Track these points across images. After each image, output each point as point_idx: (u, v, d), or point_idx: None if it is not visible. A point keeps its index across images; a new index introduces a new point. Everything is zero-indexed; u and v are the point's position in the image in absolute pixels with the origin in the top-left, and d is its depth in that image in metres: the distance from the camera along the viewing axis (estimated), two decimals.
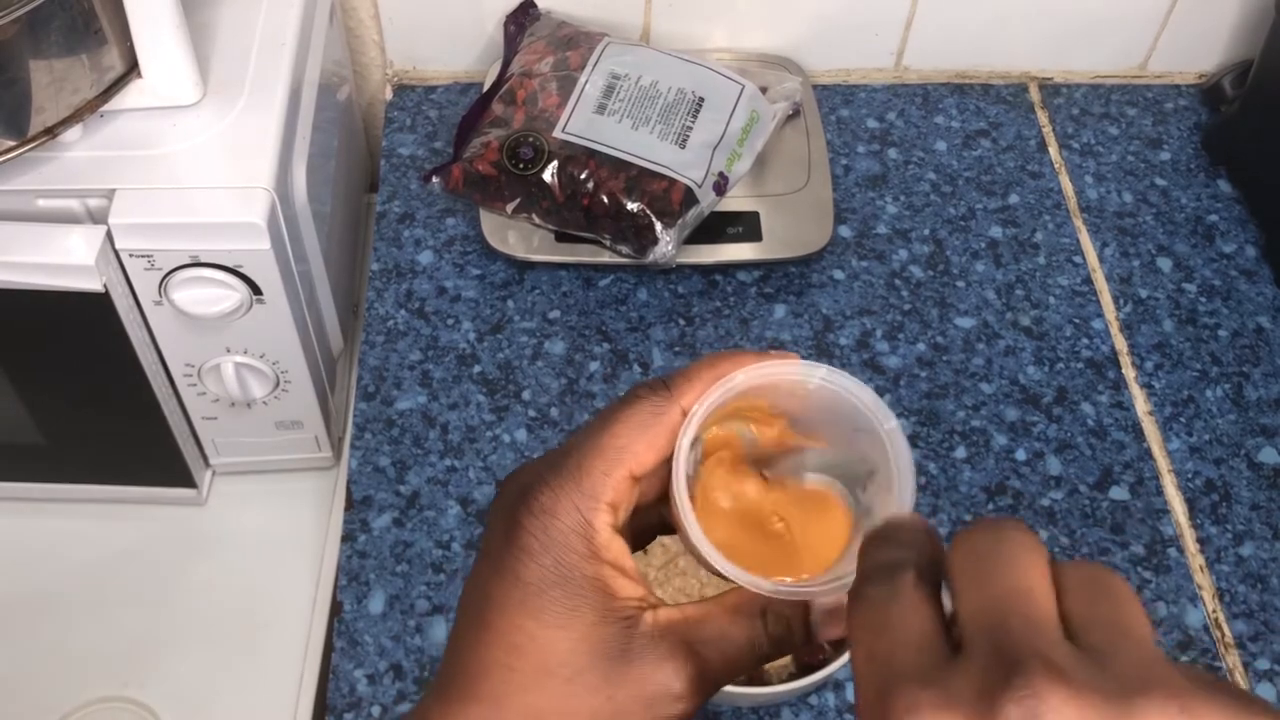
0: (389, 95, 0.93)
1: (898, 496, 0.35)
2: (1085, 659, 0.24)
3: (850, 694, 0.66)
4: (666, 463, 0.36)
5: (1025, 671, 0.23)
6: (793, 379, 0.36)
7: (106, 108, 0.63)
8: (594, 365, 0.78)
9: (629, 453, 0.36)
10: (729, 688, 0.60)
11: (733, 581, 0.35)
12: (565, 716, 0.34)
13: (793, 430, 0.39)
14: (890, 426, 0.35)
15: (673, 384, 0.36)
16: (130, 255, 0.63)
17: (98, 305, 0.63)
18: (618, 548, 0.36)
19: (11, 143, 0.60)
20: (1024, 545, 0.28)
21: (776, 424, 0.39)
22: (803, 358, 0.37)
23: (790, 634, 0.36)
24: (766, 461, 0.39)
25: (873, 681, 0.26)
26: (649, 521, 0.39)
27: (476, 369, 0.78)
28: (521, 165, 0.78)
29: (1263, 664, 0.69)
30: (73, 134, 0.63)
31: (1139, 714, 0.22)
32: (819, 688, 0.66)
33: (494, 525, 0.36)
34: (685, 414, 0.36)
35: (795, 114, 0.87)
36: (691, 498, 0.36)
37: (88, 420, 0.74)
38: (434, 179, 0.81)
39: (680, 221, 0.78)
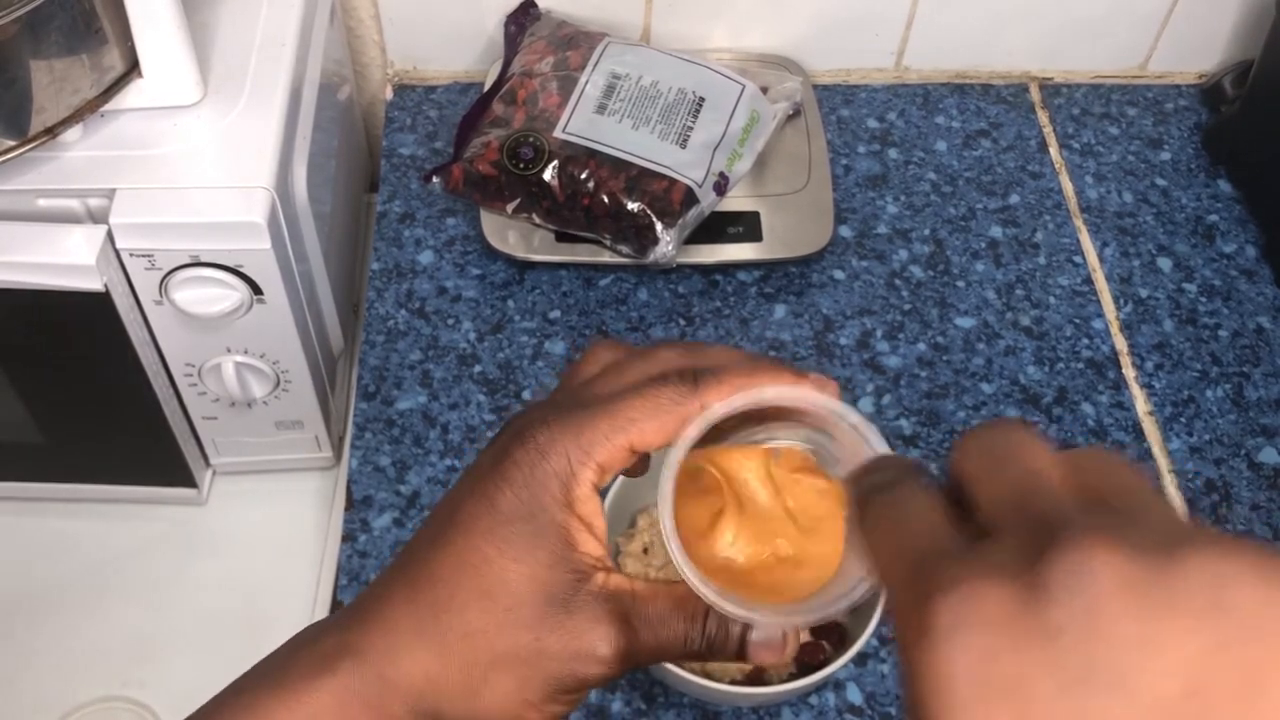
0: (389, 95, 0.93)
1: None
2: (1120, 517, 0.24)
3: (850, 694, 0.66)
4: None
5: (1068, 528, 0.22)
6: (826, 414, 0.36)
7: (107, 107, 0.63)
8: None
9: (636, 428, 0.36)
10: (729, 687, 0.60)
11: (686, 575, 0.35)
12: (492, 642, 0.35)
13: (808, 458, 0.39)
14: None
15: (702, 381, 0.36)
16: (131, 255, 0.63)
17: (98, 305, 0.63)
18: (593, 506, 0.36)
19: (12, 142, 0.60)
20: (1029, 434, 0.28)
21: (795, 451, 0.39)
22: (819, 369, 0.36)
23: (727, 643, 0.36)
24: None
25: (902, 566, 0.26)
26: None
27: (477, 369, 0.78)
28: (522, 165, 0.78)
29: None
30: (73, 134, 0.63)
31: (1185, 561, 0.22)
32: (819, 688, 0.66)
33: (486, 452, 0.37)
34: (702, 411, 0.36)
35: (796, 114, 0.87)
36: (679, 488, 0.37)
37: (88, 420, 0.74)
38: (434, 179, 0.81)
39: (680, 221, 0.78)
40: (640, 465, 0.39)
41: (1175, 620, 0.21)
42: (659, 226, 0.77)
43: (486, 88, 0.87)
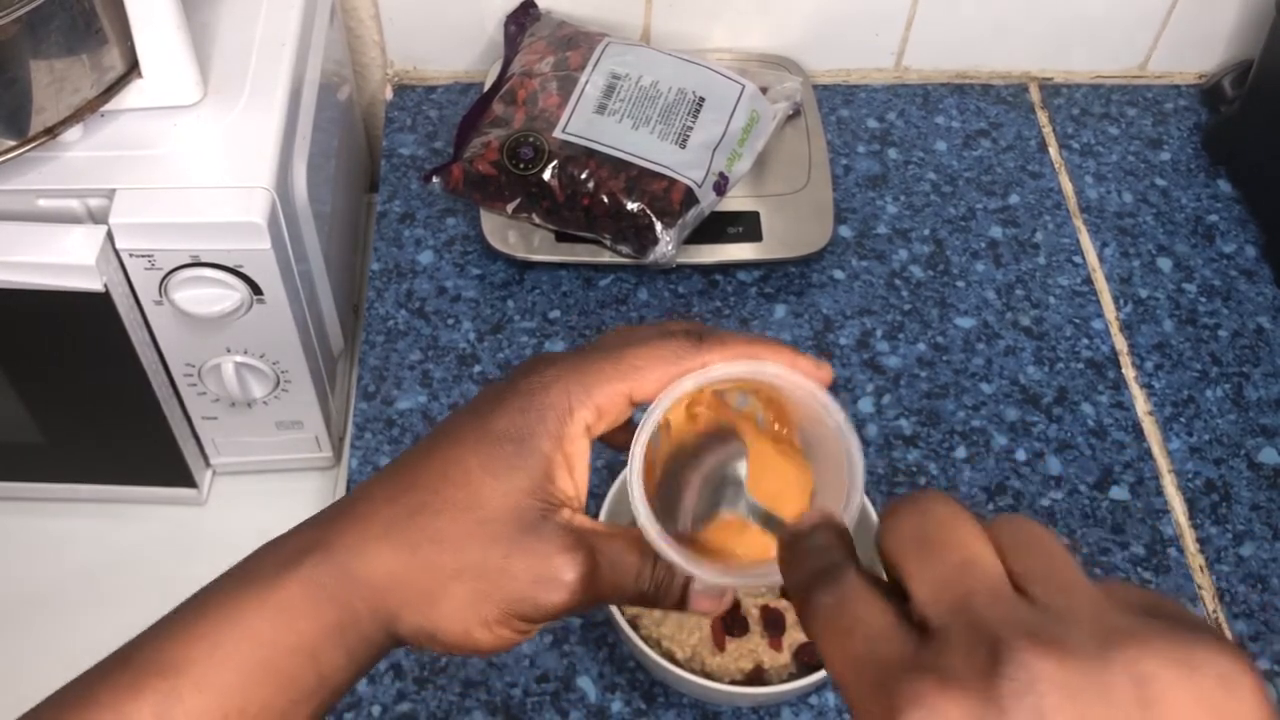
0: (389, 95, 0.93)
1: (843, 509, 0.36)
2: (1051, 618, 0.26)
3: None
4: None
5: (1010, 647, 0.25)
6: (815, 406, 0.37)
7: (107, 107, 0.63)
8: None
9: (638, 376, 0.37)
10: (729, 687, 0.60)
11: (641, 517, 0.37)
12: (459, 550, 0.36)
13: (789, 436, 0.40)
14: (855, 502, 0.36)
15: (706, 338, 0.38)
16: (131, 255, 0.63)
17: (98, 305, 0.63)
18: (580, 447, 0.38)
19: (12, 142, 0.60)
20: (953, 515, 0.29)
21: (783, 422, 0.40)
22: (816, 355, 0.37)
23: (670, 590, 0.38)
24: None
25: (861, 679, 0.27)
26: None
27: (477, 369, 0.78)
28: (522, 165, 0.78)
29: (1263, 664, 0.69)
30: (73, 134, 0.63)
31: (1112, 663, 0.24)
32: (819, 688, 0.66)
33: (493, 383, 0.39)
34: (702, 369, 0.38)
35: (795, 114, 0.87)
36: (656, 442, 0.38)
37: (88, 420, 0.74)
38: (434, 179, 0.81)
39: (680, 221, 0.78)
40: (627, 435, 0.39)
41: (1110, 712, 0.24)
42: (659, 226, 0.77)
43: (486, 88, 0.87)
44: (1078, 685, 0.24)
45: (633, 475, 0.37)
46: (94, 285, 0.62)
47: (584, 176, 0.78)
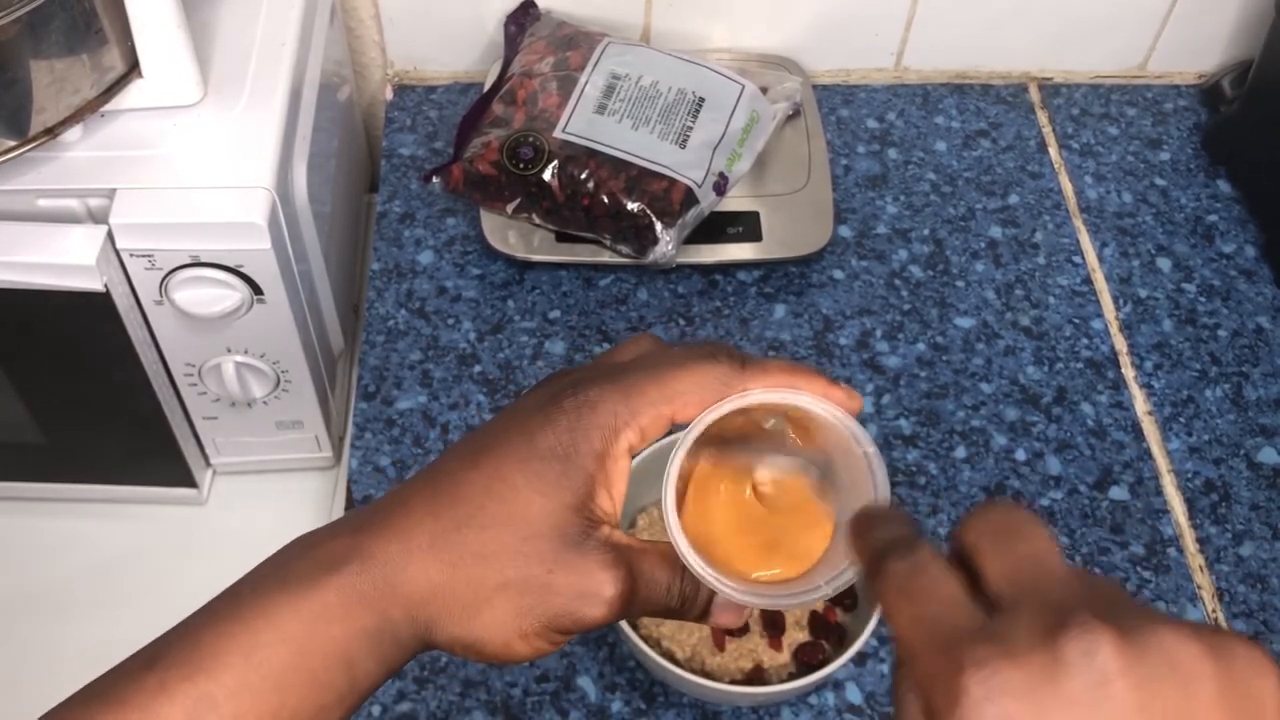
0: (389, 95, 0.93)
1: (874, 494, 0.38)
2: (1103, 603, 0.29)
3: (850, 694, 0.66)
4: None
5: (1079, 615, 0.28)
6: (845, 435, 0.39)
7: (107, 107, 0.63)
8: None
9: (681, 400, 0.38)
10: (729, 687, 0.60)
11: (673, 535, 0.39)
12: (504, 566, 0.37)
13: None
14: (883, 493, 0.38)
15: (749, 365, 0.39)
16: (131, 255, 0.63)
17: (98, 305, 0.63)
18: (622, 466, 0.38)
19: (12, 143, 0.60)
20: (1030, 518, 0.32)
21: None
22: (819, 368, 0.38)
23: (695, 602, 0.40)
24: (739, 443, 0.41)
25: (927, 640, 0.30)
26: None
27: (477, 369, 0.78)
28: (522, 165, 0.78)
29: None
30: (73, 134, 0.63)
31: (1158, 638, 0.28)
32: (819, 688, 0.66)
33: (531, 396, 0.40)
34: (743, 392, 0.39)
35: (795, 114, 0.87)
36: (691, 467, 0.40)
37: (88, 420, 0.74)
38: (434, 179, 0.81)
39: (680, 221, 0.78)
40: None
41: (1159, 686, 0.27)
42: (659, 226, 0.77)
43: (486, 88, 0.87)
44: (1134, 656, 0.27)
45: (667, 497, 0.38)
46: (94, 285, 0.62)
47: (584, 176, 0.78)
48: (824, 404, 0.39)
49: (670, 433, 0.40)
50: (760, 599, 0.39)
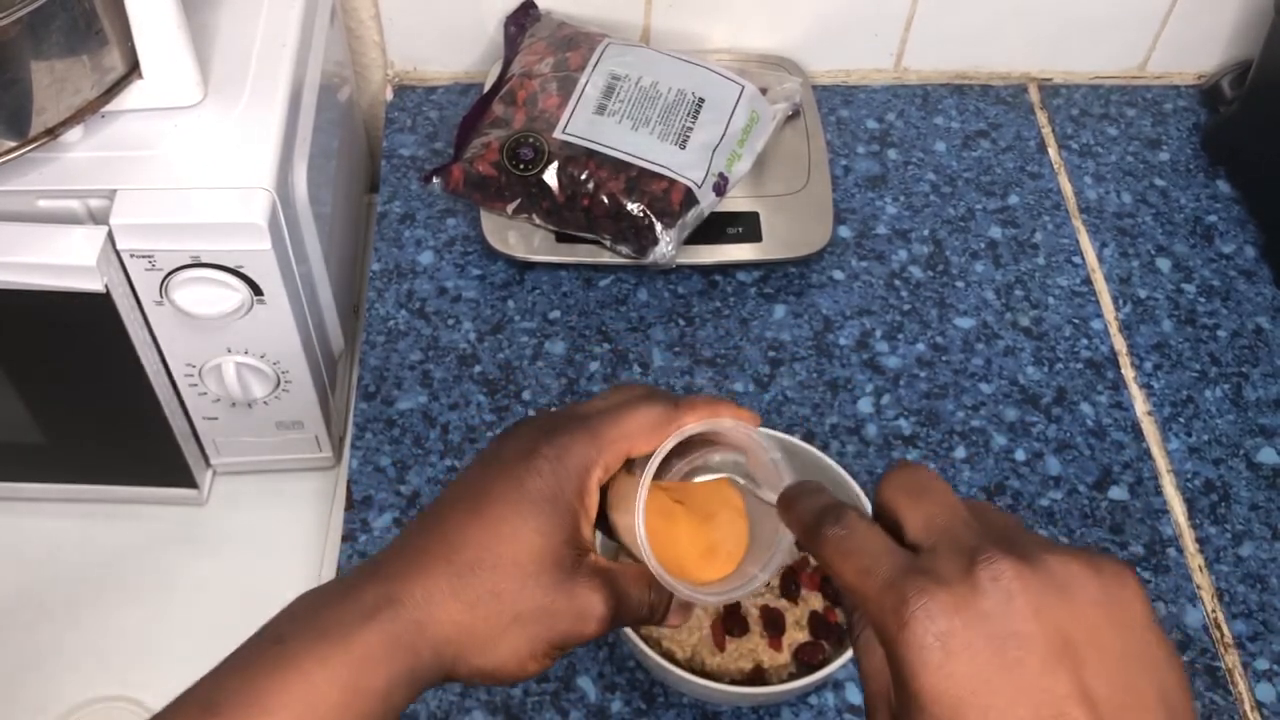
0: (390, 96, 0.93)
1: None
2: (1002, 537, 0.37)
3: (850, 694, 0.66)
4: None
5: (985, 550, 0.36)
6: (755, 444, 0.46)
7: (108, 108, 0.63)
8: (594, 365, 0.78)
9: (634, 439, 0.45)
10: (729, 687, 0.60)
11: (647, 558, 0.45)
12: (515, 601, 0.43)
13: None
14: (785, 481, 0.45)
15: (680, 404, 0.46)
16: (131, 255, 0.63)
17: (99, 305, 0.63)
18: (595, 499, 0.45)
19: (12, 143, 0.60)
20: (933, 475, 0.39)
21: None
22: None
23: (661, 609, 0.47)
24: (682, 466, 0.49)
25: (872, 583, 0.36)
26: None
27: (477, 369, 0.78)
28: (522, 166, 0.78)
29: (1262, 664, 0.69)
30: (74, 134, 0.63)
31: (1048, 562, 0.36)
32: (819, 687, 0.66)
33: (508, 447, 0.45)
34: (680, 427, 0.45)
35: (795, 115, 0.87)
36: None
37: (89, 420, 0.74)
38: (434, 179, 0.81)
39: (680, 222, 0.78)
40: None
41: (1049, 598, 0.35)
42: (659, 227, 0.77)
43: (486, 88, 0.87)
44: (1029, 577, 0.35)
45: (640, 525, 0.44)
46: (95, 286, 0.62)
47: (584, 177, 0.78)
48: (738, 424, 0.46)
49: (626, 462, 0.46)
50: (716, 597, 0.46)
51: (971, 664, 0.34)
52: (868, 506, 0.62)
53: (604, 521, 0.47)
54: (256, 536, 0.80)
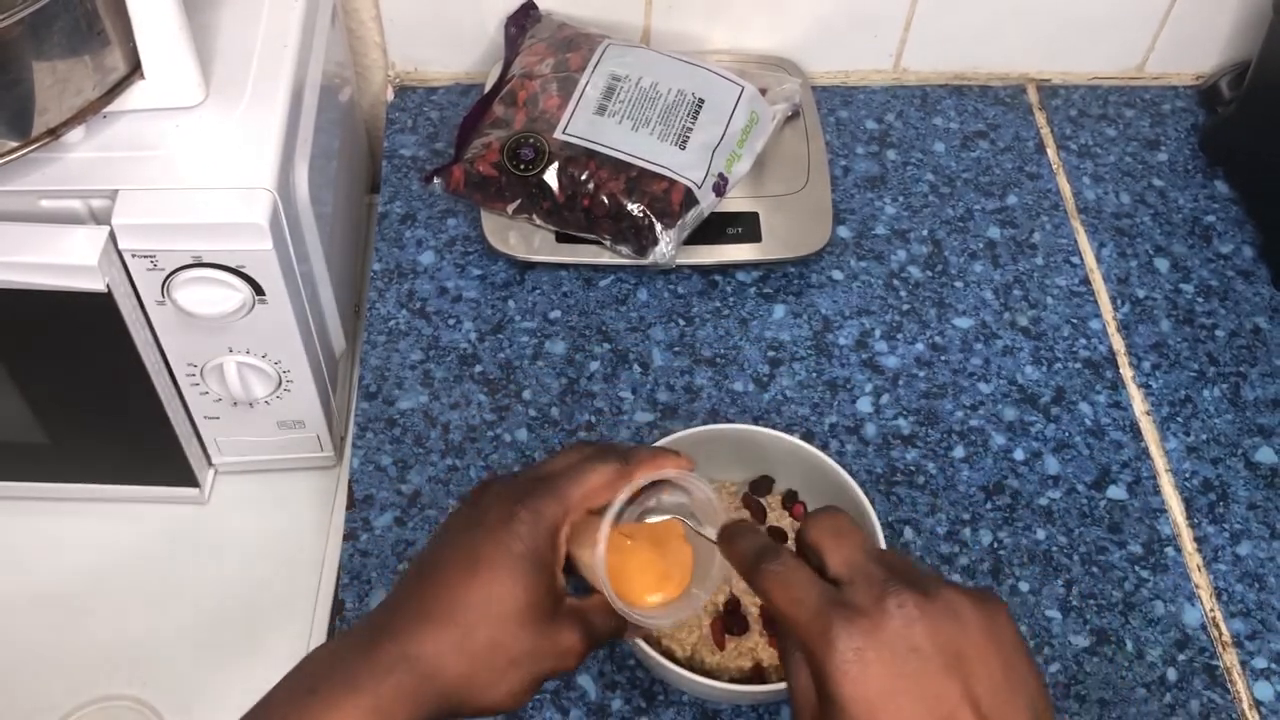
0: (390, 96, 0.93)
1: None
2: (905, 575, 0.45)
3: None
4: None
5: (892, 585, 0.44)
6: (696, 490, 0.55)
7: (109, 108, 0.64)
8: (594, 365, 0.79)
9: (593, 496, 0.53)
10: (729, 686, 0.60)
11: (608, 593, 0.53)
12: (509, 649, 0.50)
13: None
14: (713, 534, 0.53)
15: (630, 459, 0.54)
16: (133, 255, 0.63)
17: (101, 305, 0.63)
18: (563, 551, 0.53)
19: (14, 143, 0.60)
20: (849, 520, 0.48)
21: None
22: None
23: (623, 627, 0.55)
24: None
25: (803, 611, 0.44)
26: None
27: (478, 369, 0.78)
28: (522, 166, 0.79)
29: (1260, 663, 0.69)
30: (75, 135, 0.63)
31: (941, 596, 0.44)
32: None
33: (490, 508, 0.52)
34: (630, 480, 0.53)
35: (794, 115, 0.87)
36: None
37: (91, 420, 0.74)
38: (435, 180, 0.82)
39: (680, 222, 0.78)
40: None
41: (943, 622, 0.43)
42: (658, 227, 0.77)
43: (487, 89, 0.87)
44: (925, 607, 0.43)
45: (599, 569, 0.51)
46: (96, 286, 0.62)
47: (584, 177, 0.78)
48: (680, 473, 0.54)
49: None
50: (664, 620, 0.55)
51: (882, 674, 0.42)
52: (868, 506, 0.63)
53: (567, 560, 0.54)
54: (258, 536, 0.80)
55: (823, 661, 0.43)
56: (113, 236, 0.62)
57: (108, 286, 0.62)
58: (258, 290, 0.65)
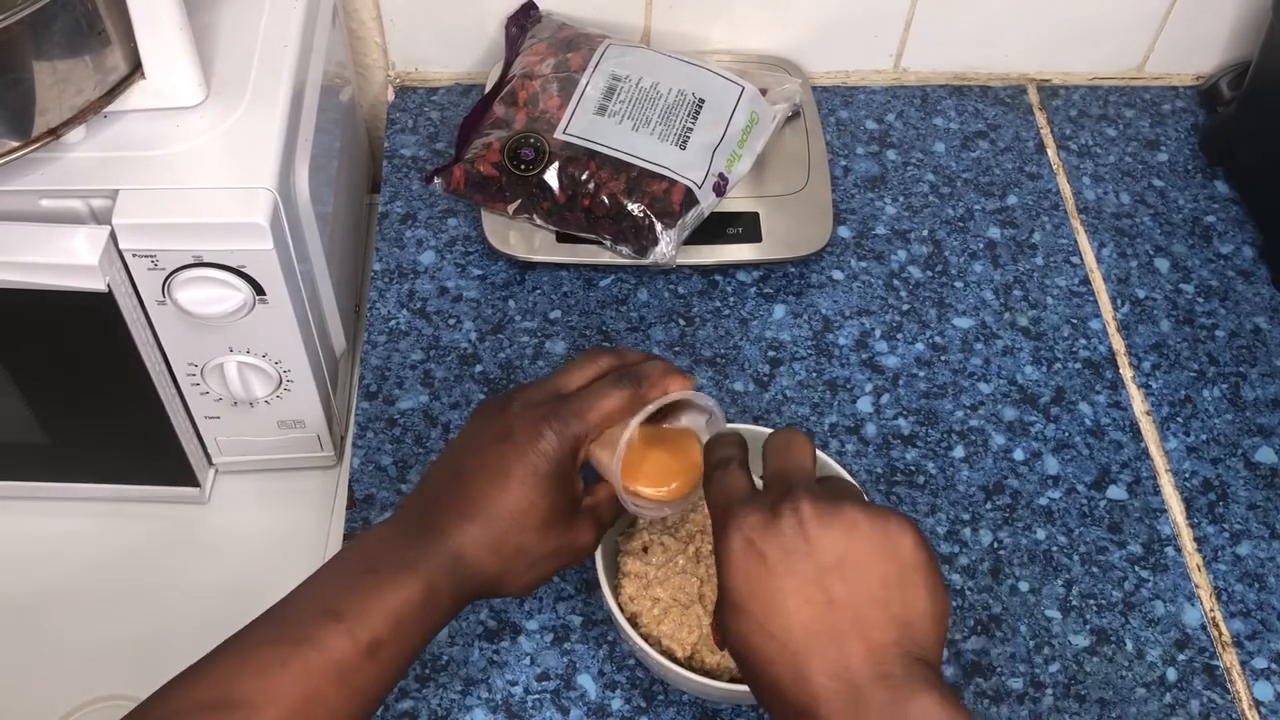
0: (391, 96, 0.93)
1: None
2: (826, 492, 0.50)
3: None
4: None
5: (796, 492, 0.50)
6: (706, 405, 0.61)
7: (110, 108, 0.64)
8: None
9: (609, 415, 0.59)
10: (729, 685, 0.60)
11: (617, 484, 0.59)
12: (534, 550, 0.58)
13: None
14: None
15: (644, 381, 0.60)
16: (134, 255, 0.63)
17: (101, 305, 0.63)
18: (580, 461, 0.59)
19: (15, 143, 0.60)
20: (801, 438, 0.54)
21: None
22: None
23: (624, 515, 0.63)
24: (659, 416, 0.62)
25: (720, 506, 0.52)
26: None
27: (478, 368, 0.78)
28: (523, 166, 0.79)
29: (1260, 663, 0.69)
30: (76, 134, 0.63)
31: (842, 506, 0.49)
32: None
33: (519, 421, 0.58)
34: (644, 402, 0.59)
35: (795, 115, 0.87)
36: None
37: (91, 420, 0.74)
38: (435, 180, 0.82)
39: (680, 222, 0.78)
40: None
41: (834, 530, 0.49)
42: (659, 227, 0.78)
43: (487, 89, 0.87)
44: (822, 511, 0.49)
45: (616, 471, 0.58)
46: (97, 285, 0.62)
47: (584, 177, 0.78)
48: (691, 392, 0.61)
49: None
50: (670, 510, 0.61)
51: (760, 567, 0.48)
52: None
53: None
54: (258, 535, 0.80)
55: (718, 550, 0.50)
56: (113, 236, 0.62)
57: (108, 286, 0.62)
58: (258, 290, 0.66)
